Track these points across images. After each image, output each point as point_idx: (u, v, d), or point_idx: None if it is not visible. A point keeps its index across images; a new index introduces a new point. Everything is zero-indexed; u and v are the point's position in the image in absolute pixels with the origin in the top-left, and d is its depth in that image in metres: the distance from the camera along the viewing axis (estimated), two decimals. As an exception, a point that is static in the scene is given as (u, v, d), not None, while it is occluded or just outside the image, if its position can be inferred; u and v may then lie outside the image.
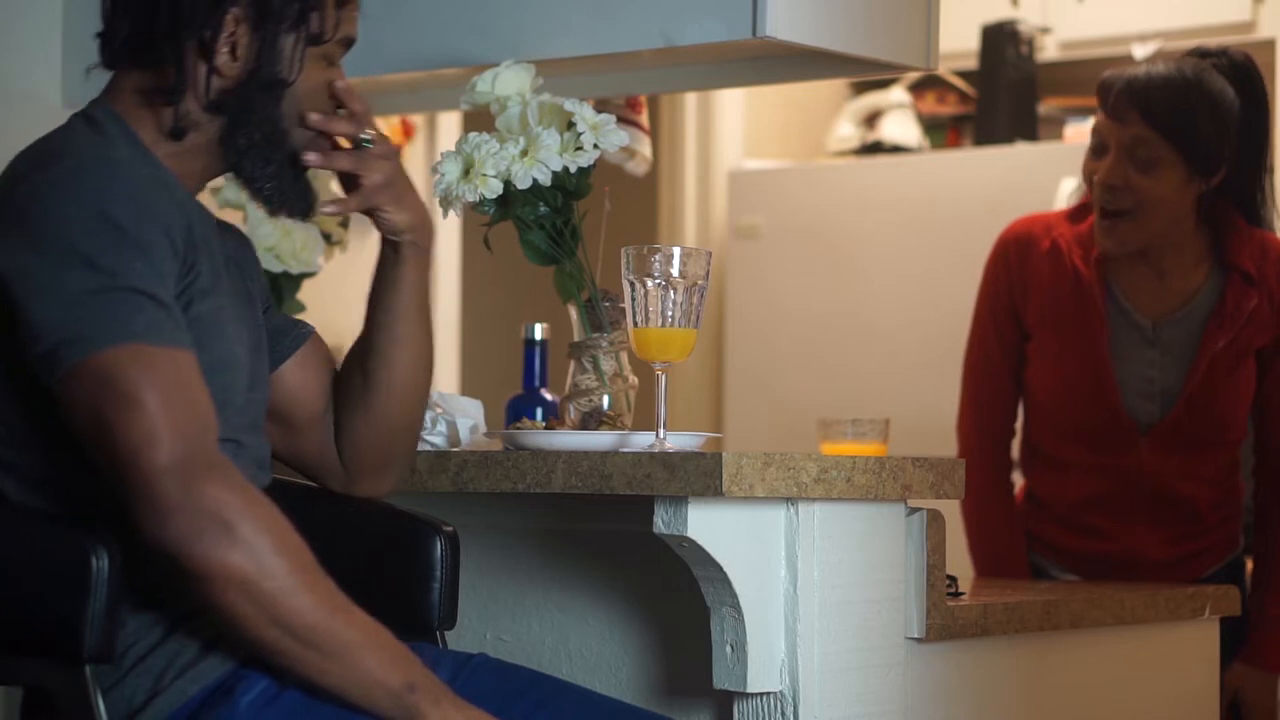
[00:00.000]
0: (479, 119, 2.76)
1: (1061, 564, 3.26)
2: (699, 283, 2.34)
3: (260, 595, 1.91)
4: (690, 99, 5.45)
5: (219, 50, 2.10)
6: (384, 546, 2.34)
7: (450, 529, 2.32)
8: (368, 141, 2.22)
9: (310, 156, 2.19)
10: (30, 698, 2.06)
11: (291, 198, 2.19)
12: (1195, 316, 3.18)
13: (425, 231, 2.28)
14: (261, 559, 1.90)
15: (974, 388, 3.34)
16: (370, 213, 2.24)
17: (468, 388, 5.13)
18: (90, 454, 1.93)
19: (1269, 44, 4.94)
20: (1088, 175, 3.18)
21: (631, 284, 2.33)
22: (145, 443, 1.89)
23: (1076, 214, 3.26)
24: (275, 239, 3.13)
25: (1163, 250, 3.18)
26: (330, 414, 2.32)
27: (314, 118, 2.18)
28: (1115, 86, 3.13)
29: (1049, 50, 5.21)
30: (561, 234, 2.64)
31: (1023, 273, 3.25)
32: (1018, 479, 3.37)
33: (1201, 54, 3.19)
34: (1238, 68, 3.17)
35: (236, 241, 2.28)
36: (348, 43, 2.21)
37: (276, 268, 3.15)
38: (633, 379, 2.68)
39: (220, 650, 2.02)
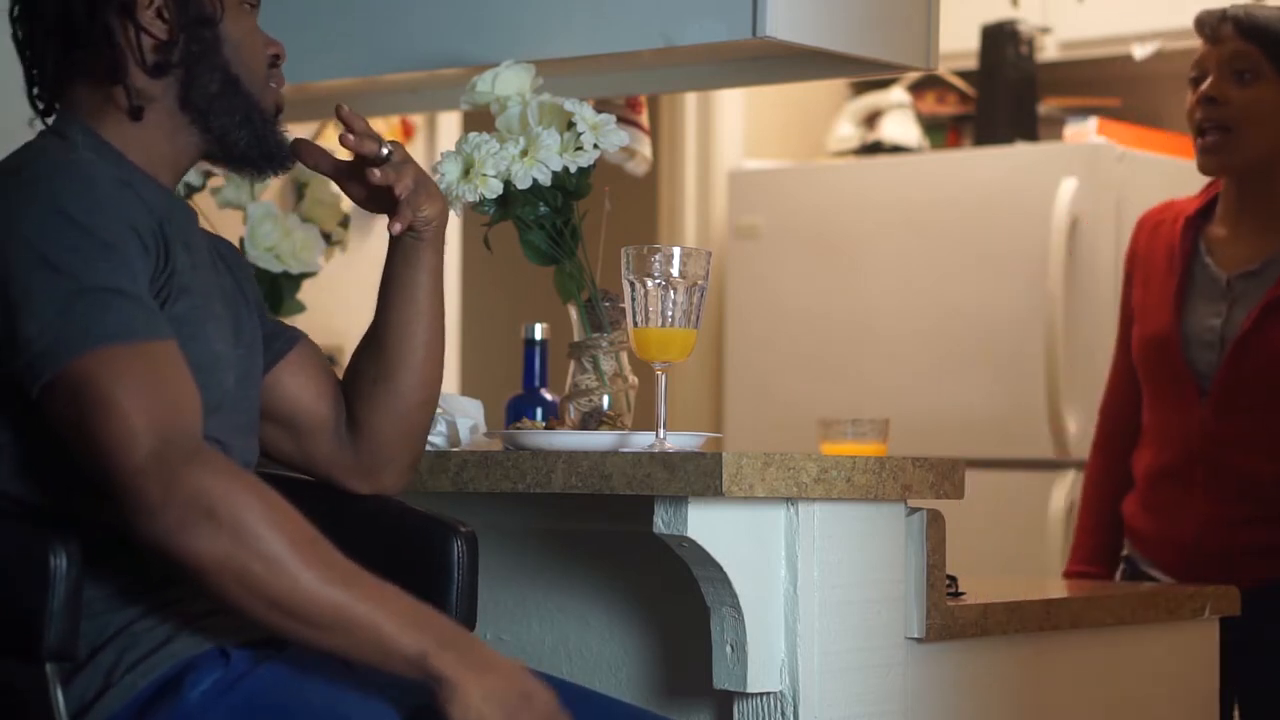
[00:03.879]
0: (479, 119, 2.77)
1: (1149, 556, 3.23)
2: (699, 283, 2.34)
3: (252, 580, 1.90)
4: (690, 99, 5.45)
5: (143, 10, 2.12)
6: (400, 547, 2.33)
7: (468, 530, 2.31)
8: (390, 154, 2.23)
9: (375, 173, 2.20)
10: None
11: (269, 147, 2.19)
12: (1272, 271, 3.16)
13: (446, 214, 2.32)
14: (250, 543, 1.90)
15: (1110, 377, 3.38)
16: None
17: (468, 388, 5.12)
18: (76, 461, 1.94)
19: (1269, 44, 4.93)
20: (1188, 109, 3.21)
21: (631, 284, 2.33)
22: (122, 444, 1.90)
23: (1205, 190, 3.30)
24: (275, 239, 3.12)
25: (1257, 199, 3.19)
26: (339, 415, 2.32)
27: (349, 139, 2.21)
28: (1214, 14, 3.20)
29: (1049, 50, 5.21)
30: (561, 234, 2.64)
31: (1139, 253, 3.31)
32: None
33: None
34: None
35: (227, 246, 2.29)
36: None
37: (276, 268, 3.14)
38: (633, 379, 2.68)
39: (172, 644, 2.02)
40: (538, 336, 2.90)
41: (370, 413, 2.30)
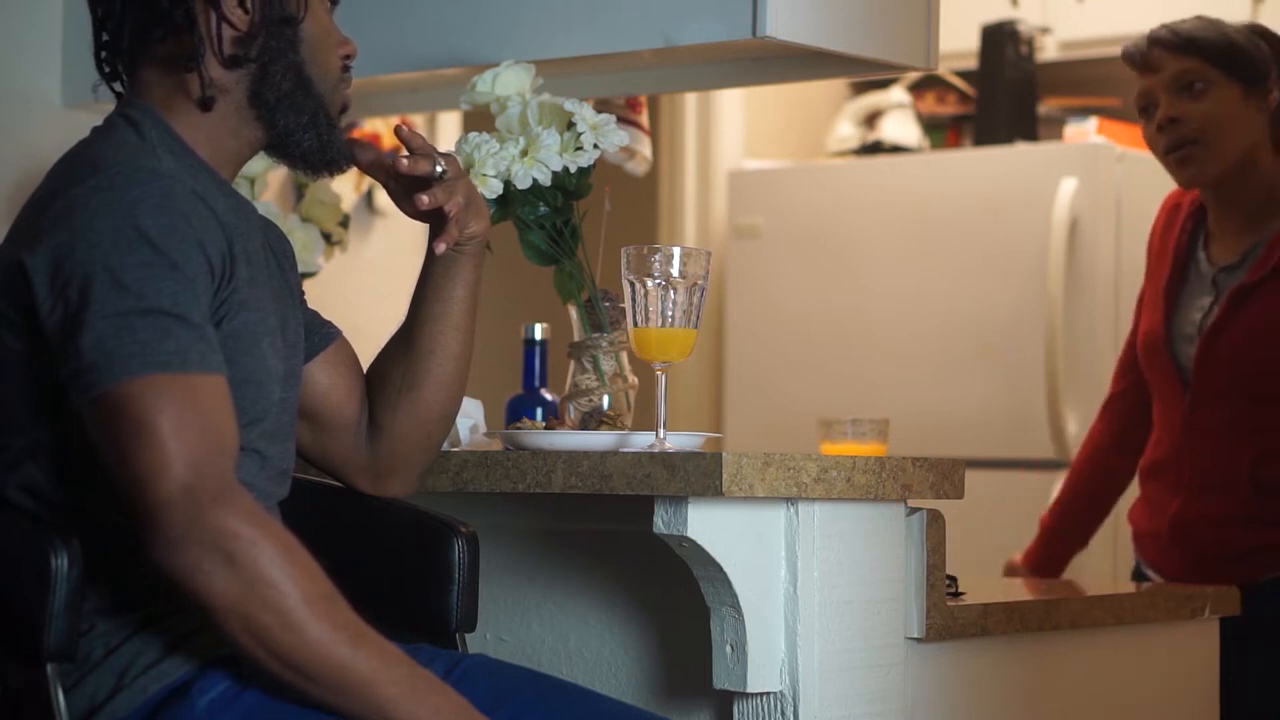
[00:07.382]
0: (479, 119, 2.77)
1: (1143, 555, 3.22)
2: (699, 283, 2.34)
3: (259, 629, 1.90)
4: (690, 99, 5.45)
5: (227, 1, 2.11)
6: (401, 547, 2.33)
7: (469, 530, 2.31)
8: (444, 172, 2.24)
9: (423, 198, 2.23)
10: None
11: (332, 148, 2.19)
12: (1248, 263, 3.13)
13: (489, 229, 2.33)
14: (262, 592, 1.89)
15: (1114, 373, 3.37)
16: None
17: (468, 387, 5.11)
18: (108, 474, 1.93)
19: (1269, 44, 4.93)
20: (1147, 139, 3.19)
21: (631, 284, 2.33)
22: (154, 471, 1.89)
23: None
24: (275, 239, 3.11)
25: (1233, 198, 3.16)
26: (364, 416, 2.32)
27: (402, 163, 2.22)
28: (1140, 45, 3.17)
29: (1049, 50, 5.21)
30: (561, 234, 2.64)
31: (1156, 238, 3.29)
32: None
33: None
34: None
35: (275, 234, 2.28)
36: None
37: (276, 268, 3.14)
38: (633, 379, 2.68)
39: (184, 650, 2.02)
40: (538, 336, 2.90)
41: (392, 419, 2.31)
